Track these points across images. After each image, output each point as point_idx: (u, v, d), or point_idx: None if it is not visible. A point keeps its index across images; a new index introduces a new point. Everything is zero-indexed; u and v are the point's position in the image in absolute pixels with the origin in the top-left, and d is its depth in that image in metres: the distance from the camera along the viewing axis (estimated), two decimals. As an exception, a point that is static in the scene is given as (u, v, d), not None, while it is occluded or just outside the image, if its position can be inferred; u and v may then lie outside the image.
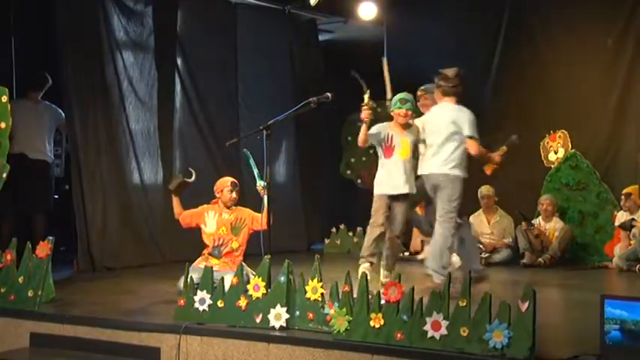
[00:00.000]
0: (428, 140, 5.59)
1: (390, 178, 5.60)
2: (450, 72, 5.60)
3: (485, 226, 7.87)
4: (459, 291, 3.67)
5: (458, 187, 5.48)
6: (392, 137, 5.59)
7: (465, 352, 3.56)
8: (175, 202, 5.59)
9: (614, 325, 3.47)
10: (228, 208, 5.64)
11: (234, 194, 5.61)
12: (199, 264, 5.35)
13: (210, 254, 5.50)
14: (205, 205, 5.68)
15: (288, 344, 3.99)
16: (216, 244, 5.53)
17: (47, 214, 7.03)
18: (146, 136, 7.61)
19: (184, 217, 5.60)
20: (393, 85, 6.25)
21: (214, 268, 4.72)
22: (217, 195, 5.65)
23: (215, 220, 5.59)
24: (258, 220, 5.31)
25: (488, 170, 6.06)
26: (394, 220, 5.66)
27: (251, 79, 8.67)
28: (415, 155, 5.72)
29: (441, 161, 5.49)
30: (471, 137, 5.44)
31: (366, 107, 5.45)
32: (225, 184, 5.65)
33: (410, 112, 5.58)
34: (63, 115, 7.11)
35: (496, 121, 7.64)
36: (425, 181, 5.64)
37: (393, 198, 5.62)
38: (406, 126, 5.63)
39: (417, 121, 5.74)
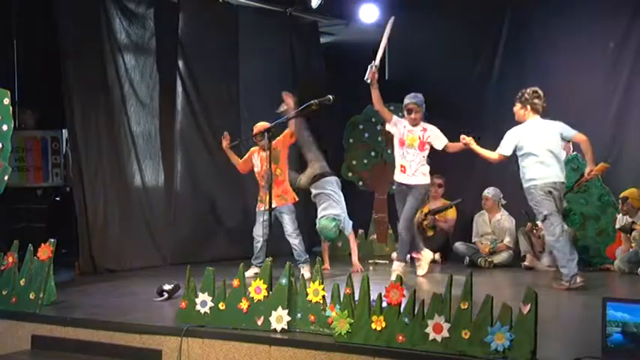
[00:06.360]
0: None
1: None
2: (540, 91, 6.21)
3: (487, 225, 7.89)
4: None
5: None
6: None
7: (466, 354, 3.56)
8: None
9: (615, 327, 3.47)
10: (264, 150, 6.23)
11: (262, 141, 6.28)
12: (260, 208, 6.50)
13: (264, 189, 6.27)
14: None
15: (289, 347, 3.99)
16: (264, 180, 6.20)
17: None
18: (147, 138, 7.62)
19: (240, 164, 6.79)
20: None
21: (274, 205, 5.64)
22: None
23: (258, 160, 6.60)
24: (287, 136, 6.38)
25: None
26: None
27: (252, 82, 8.65)
28: None
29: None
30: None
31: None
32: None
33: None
34: None
35: (497, 124, 7.61)
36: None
37: None
38: None
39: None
